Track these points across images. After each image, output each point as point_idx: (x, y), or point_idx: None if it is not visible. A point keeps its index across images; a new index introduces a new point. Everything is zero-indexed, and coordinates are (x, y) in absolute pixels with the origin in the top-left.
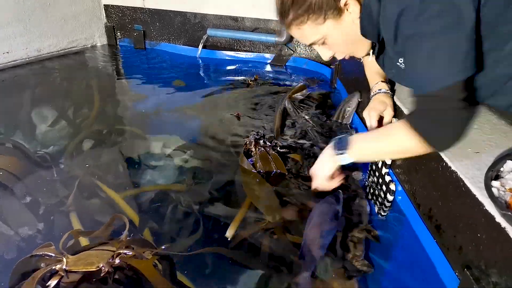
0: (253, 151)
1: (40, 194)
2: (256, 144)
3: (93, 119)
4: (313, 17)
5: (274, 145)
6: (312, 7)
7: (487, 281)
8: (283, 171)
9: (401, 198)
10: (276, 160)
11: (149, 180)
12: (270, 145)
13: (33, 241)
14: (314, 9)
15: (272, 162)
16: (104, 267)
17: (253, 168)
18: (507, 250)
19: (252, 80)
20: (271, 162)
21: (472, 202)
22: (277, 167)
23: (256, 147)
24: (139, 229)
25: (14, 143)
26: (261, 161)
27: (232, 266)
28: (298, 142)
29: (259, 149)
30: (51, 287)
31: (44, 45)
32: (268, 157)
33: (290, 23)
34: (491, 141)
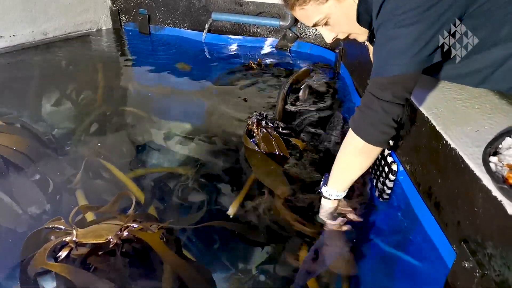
0: (255, 132)
1: (48, 173)
2: (258, 125)
3: (99, 101)
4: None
5: (276, 126)
6: None
7: (483, 253)
8: (286, 154)
9: (402, 178)
10: (278, 142)
11: (155, 161)
12: (272, 126)
13: (42, 216)
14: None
15: (274, 143)
16: (112, 240)
17: (257, 147)
18: (503, 222)
19: (255, 64)
20: (273, 143)
21: (470, 177)
22: (279, 149)
23: (258, 127)
24: (145, 206)
25: (23, 123)
26: (263, 142)
27: (235, 239)
28: (300, 125)
29: (261, 130)
30: (62, 258)
31: (50, 29)
32: (270, 138)
33: (293, 3)
34: (491, 120)
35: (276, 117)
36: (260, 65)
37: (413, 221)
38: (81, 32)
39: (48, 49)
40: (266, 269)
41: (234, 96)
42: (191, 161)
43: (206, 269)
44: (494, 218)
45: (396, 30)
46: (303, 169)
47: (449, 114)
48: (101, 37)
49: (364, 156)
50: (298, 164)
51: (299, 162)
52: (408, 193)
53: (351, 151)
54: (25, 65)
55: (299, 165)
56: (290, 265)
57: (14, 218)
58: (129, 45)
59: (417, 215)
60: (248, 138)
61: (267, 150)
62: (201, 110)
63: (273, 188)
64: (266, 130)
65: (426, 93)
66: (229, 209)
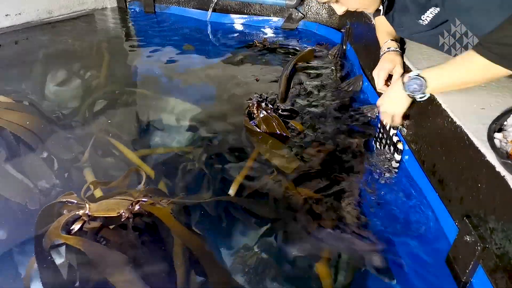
0: (255, 113)
1: (57, 150)
2: (258, 107)
3: (105, 80)
4: None
5: (276, 108)
6: None
7: (485, 227)
8: (286, 133)
9: (408, 158)
10: (278, 122)
11: (160, 139)
12: (272, 108)
13: (52, 192)
14: None
15: (275, 124)
16: (124, 213)
17: (257, 128)
18: (505, 197)
19: (260, 42)
20: (274, 123)
21: (475, 154)
22: (280, 129)
23: (258, 109)
24: (155, 182)
25: (31, 101)
26: (264, 123)
27: (242, 215)
28: (302, 105)
29: (261, 112)
30: (75, 231)
31: (55, 7)
32: (270, 119)
33: None
34: (497, 98)
35: (278, 98)
36: (265, 45)
37: (417, 198)
38: (85, 11)
39: (53, 27)
40: (272, 246)
41: (244, 76)
42: (199, 140)
43: (214, 243)
44: (497, 193)
45: None
46: (305, 148)
47: (455, 92)
48: (106, 16)
49: (485, 80)
50: (300, 144)
51: (300, 141)
52: (413, 172)
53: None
54: (31, 44)
55: (301, 144)
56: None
57: (25, 194)
58: (134, 24)
59: (422, 192)
60: (248, 120)
61: (268, 130)
62: (206, 89)
63: (280, 165)
64: (266, 112)
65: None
66: (230, 190)
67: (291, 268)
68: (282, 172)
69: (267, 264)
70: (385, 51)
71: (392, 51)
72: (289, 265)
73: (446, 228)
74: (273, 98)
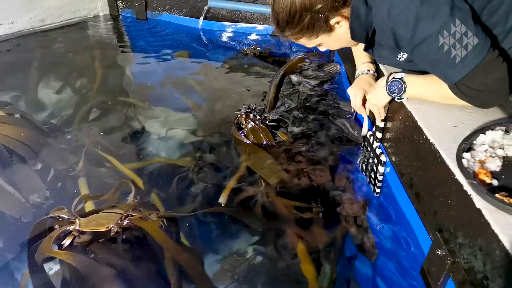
0: (243, 124)
1: (50, 162)
2: (247, 117)
3: (96, 90)
4: (306, 35)
5: (264, 118)
6: (304, 29)
7: (455, 242)
8: (272, 142)
9: (389, 170)
10: (265, 132)
11: (153, 150)
12: (260, 119)
13: (45, 205)
14: (307, 30)
15: (262, 134)
16: (113, 228)
17: (246, 139)
18: (471, 215)
19: (250, 50)
20: (261, 134)
21: (446, 171)
22: (266, 139)
23: (247, 120)
24: (145, 194)
25: (22, 114)
26: (252, 134)
27: (231, 225)
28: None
29: (249, 123)
30: (66, 246)
31: (47, 16)
32: (257, 130)
33: (288, 37)
34: (470, 116)
35: (266, 107)
36: (255, 53)
37: (396, 210)
38: (78, 19)
39: (46, 36)
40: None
41: (236, 84)
42: (190, 151)
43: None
44: (464, 210)
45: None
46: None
47: (431, 108)
48: (98, 24)
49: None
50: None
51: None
52: (393, 184)
53: (447, 99)
54: (23, 53)
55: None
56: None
57: (19, 207)
58: (126, 31)
59: (399, 205)
60: (237, 130)
61: (256, 141)
62: (198, 98)
63: (265, 175)
64: (254, 123)
65: None
66: (220, 198)
67: (281, 275)
68: (268, 183)
69: (257, 272)
70: (363, 72)
71: (369, 74)
72: (278, 272)
73: (422, 240)
74: (261, 108)
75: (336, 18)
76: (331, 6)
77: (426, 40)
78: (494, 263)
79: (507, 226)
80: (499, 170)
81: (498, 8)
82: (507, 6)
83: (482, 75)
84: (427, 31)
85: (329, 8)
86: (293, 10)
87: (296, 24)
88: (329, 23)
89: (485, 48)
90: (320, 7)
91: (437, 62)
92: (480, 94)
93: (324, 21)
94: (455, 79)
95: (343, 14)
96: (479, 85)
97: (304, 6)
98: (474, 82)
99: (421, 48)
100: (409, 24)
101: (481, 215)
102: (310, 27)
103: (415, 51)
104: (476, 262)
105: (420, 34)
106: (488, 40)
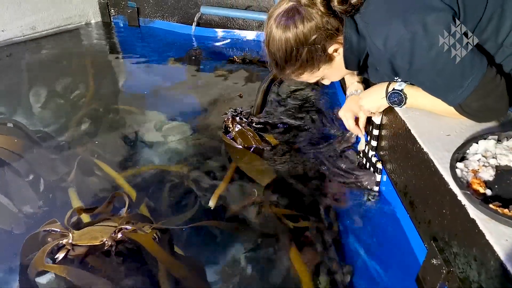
0: (231, 127)
1: (42, 172)
2: (233, 121)
3: (89, 97)
4: (307, 69)
5: (250, 121)
6: (304, 63)
7: (450, 251)
8: (261, 145)
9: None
10: (253, 135)
11: (146, 158)
12: (246, 121)
13: (37, 217)
14: (307, 64)
15: (250, 137)
16: (107, 241)
17: (234, 142)
18: (466, 225)
19: (238, 58)
20: (249, 137)
21: (439, 181)
22: (255, 142)
23: (233, 123)
24: (138, 203)
25: (15, 123)
26: (240, 137)
27: (225, 235)
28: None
29: (236, 126)
30: (59, 260)
31: (39, 23)
32: (245, 133)
33: (289, 76)
34: (462, 125)
35: (254, 111)
36: (244, 60)
37: (392, 217)
38: (70, 26)
39: (37, 44)
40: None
41: (229, 91)
42: (183, 158)
43: (198, 265)
44: (458, 220)
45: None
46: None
47: (424, 117)
48: (90, 31)
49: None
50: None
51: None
52: (387, 192)
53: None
54: (14, 61)
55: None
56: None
57: (11, 219)
58: (118, 38)
59: (395, 212)
60: (225, 134)
61: (244, 144)
62: (191, 105)
63: (256, 178)
64: (240, 126)
65: None
66: (209, 202)
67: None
68: (259, 186)
69: (252, 281)
70: (352, 93)
71: (357, 95)
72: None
73: (416, 249)
74: (248, 112)
75: (333, 46)
76: (326, 34)
77: (424, 68)
78: (489, 273)
79: (501, 236)
80: (492, 180)
81: (487, 25)
82: (496, 22)
83: (482, 96)
84: (425, 60)
85: (324, 37)
86: (289, 47)
87: (295, 60)
88: (327, 52)
89: (482, 70)
90: (315, 37)
91: (436, 87)
92: (481, 113)
93: (322, 51)
94: (455, 103)
95: (340, 41)
96: (480, 106)
97: (299, 41)
98: (474, 104)
99: (419, 75)
100: (406, 54)
101: (475, 225)
102: (309, 60)
103: (413, 78)
104: (471, 272)
105: (418, 63)
106: (485, 60)
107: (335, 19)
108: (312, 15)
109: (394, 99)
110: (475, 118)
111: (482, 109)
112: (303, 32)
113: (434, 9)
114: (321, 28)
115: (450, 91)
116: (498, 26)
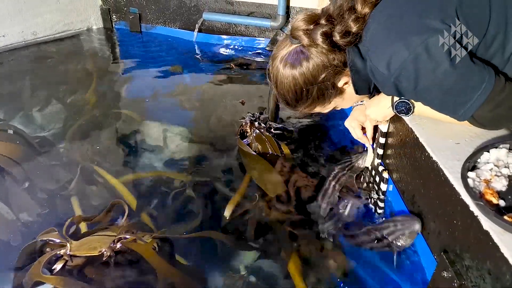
0: (248, 132)
1: (41, 180)
2: (251, 125)
3: (90, 103)
4: (319, 103)
5: (269, 126)
6: (316, 100)
7: (461, 264)
8: (278, 153)
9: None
10: (271, 142)
11: (147, 164)
12: (265, 127)
13: (36, 225)
14: (319, 99)
15: (267, 143)
16: (106, 252)
17: (249, 148)
18: (479, 237)
19: (235, 64)
20: (266, 143)
21: (450, 191)
22: (272, 149)
23: (251, 128)
24: (139, 212)
25: (15, 130)
26: (257, 142)
27: (224, 243)
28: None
29: (254, 131)
30: (56, 271)
31: (40, 29)
32: (263, 138)
33: (302, 111)
34: (471, 132)
35: (268, 117)
36: (239, 65)
37: None
38: (71, 32)
39: (38, 49)
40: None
41: (231, 97)
42: (186, 165)
43: (199, 274)
44: (471, 231)
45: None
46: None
47: (432, 125)
48: (91, 37)
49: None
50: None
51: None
52: (394, 201)
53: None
54: (16, 66)
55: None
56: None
57: (9, 228)
58: (120, 44)
59: None
60: (241, 139)
61: (260, 150)
62: (193, 111)
63: (266, 188)
64: (259, 131)
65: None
66: (225, 211)
67: None
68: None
69: None
70: (357, 103)
71: (362, 105)
72: None
73: (425, 260)
74: (266, 117)
75: (342, 79)
76: (334, 72)
77: (430, 89)
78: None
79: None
80: (505, 190)
81: (493, 41)
82: (502, 36)
83: (493, 107)
84: (431, 81)
85: (333, 74)
86: (299, 88)
87: (306, 99)
88: (337, 87)
89: (491, 83)
90: (324, 76)
91: (444, 105)
92: (494, 123)
93: (332, 87)
94: (465, 117)
95: (348, 74)
96: (493, 117)
97: (308, 81)
98: (486, 115)
99: (426, 95)
100: (411, 76)
101: (489, 237)
102: (320, 97)
103: (420, 98)
104: (485, 286)
105: (423, 84)
106: (492, 73)
107: (341, 53)
108: (317, 54)
109: (401, 108)
110: (487, 128)
111: (495, 119)
112: (311, 72)
113: (436, 31)
114: (328, 67)
115: (459, 107)
116: (504, 42)
